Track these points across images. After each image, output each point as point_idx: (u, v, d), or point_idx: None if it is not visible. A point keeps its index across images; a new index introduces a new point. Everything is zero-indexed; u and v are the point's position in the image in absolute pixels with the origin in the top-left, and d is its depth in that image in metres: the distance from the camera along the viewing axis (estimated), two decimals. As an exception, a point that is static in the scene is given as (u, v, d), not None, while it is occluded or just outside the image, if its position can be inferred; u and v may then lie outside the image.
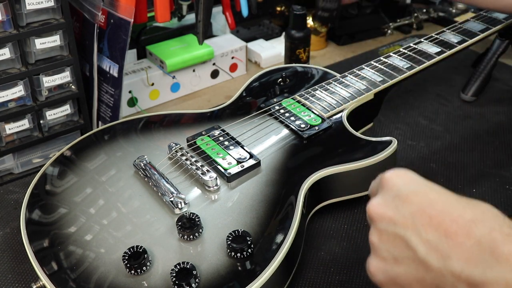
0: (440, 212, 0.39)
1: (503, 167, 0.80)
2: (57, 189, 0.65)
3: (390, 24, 1.22)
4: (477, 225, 0.38)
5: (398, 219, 0.41)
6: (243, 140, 0.70)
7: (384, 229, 0.42)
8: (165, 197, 0.61)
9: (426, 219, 0.40)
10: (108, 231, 0.58)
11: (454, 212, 0.39)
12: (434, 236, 0.39)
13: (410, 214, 0.41)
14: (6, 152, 0.76)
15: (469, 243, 0.37)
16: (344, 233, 0.68)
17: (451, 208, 0.39)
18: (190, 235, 0.56)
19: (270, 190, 0.63)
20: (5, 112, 0.73)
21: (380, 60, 0.83)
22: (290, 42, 1.00)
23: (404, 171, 0.45)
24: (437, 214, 0.39)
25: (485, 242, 0.37)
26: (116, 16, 0.78)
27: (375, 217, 0.44)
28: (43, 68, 0.74)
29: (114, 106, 0.83)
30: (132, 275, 0.53)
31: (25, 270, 0.64)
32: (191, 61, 0.98)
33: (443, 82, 1.03)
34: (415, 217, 0.40)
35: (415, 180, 0.44)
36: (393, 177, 0.44)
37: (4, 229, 0.70)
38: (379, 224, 0.43)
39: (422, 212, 0.40)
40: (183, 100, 1.01)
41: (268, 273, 0.52)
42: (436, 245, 0.39)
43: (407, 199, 0.42)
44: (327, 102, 0.76)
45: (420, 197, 0.41)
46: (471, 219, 0.38)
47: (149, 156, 0.67)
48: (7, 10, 0.68)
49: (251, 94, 0.82)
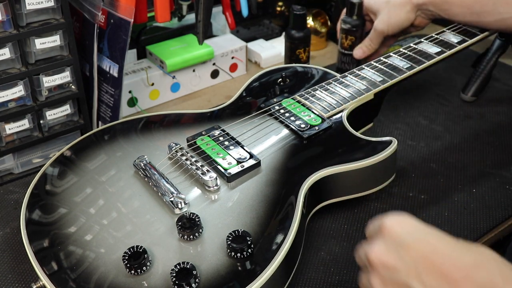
0: (442, 259, 0.41)
1: (503, 167, 0.80)
2: (57, 189, 0.65)
3: (390, 24, 1.22)
4: (477, 270, 0.39)
5: (401, 267, 0.43)
6: (243, 140, 0.70)
7: (388, 277, 0.44)
8: (165, 197, 0.61)
9: (428, 266, 0.41)
10: (108, 231, 0.58)
11: (456, 258, 0.40)
12: (436, 282, 0.40)
13: (412, 262, 0.42)
14: (6, 152, 0.76)
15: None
16: (344, 233, 0.68)
17: (452, 253, 0.41)
18: (190, 235, 0.56)
19: (270, 190, 0.63)
20: (5, 112, 0.73)
21: (380, 60, 0.83)
22: (290, 42, 1.00)
23: (404, 218, 0.46)
24: (439, 261, 0.41)
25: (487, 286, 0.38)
26: (116, 16, 0.78)
27: (377, 265, 0.45)
28: (43, 68, 0.74)
29: (114, 106, 0.83)
30: (132, 275, 0.53)
31: (25, 270, 0.64)
32: (191, 61, 0.98)
33: (443, 82, 1.03)
34: (417, 264, 0.42)
35: (416, 227, 0.45)
36: (395, 225, 0.45)
37: (4, 229, 0.70)
38: (382, 272, 0.44)
39: (425, 258, 0.41)
40: (183, 100, 1.01)
41: (268, 273, 0.52)
42: None
43: (410, 247, 0.43)
44: (327, 102, 0.76)
45: (422, 245, 0.43)
46: (472, 264, 0.39)
47: (149, 156, 0.67)
48: (7, 10, 0.68)
49: (251, 94, 0.82)
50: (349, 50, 1.00)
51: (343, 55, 1.02)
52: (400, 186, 0.76)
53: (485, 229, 0.69)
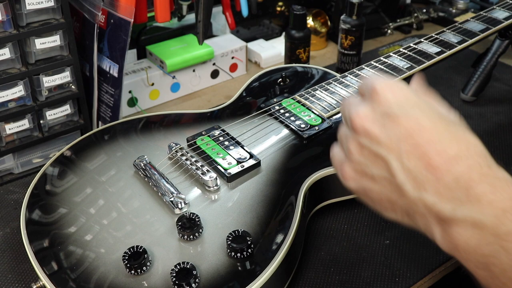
0: (426, 143, 0.39)
1: (503, 167, 0.80)
2: (57, 189, 0.65)
3: (390, 24, 1.23)
4: (458, 162, 0.38)
5: (384, 140, 0.41)
6: (243, 140, 0.70)
7: (367, 146, 0.42)
8: (165, 197, 0.61)
9: (411, 147, 0.39)
10: (108, 231, 0.58)
11: (440, 145, 0.38)
12: (415, 165, 0.39)
13: (396, 137, 0.40)
14: (6, 152, 0.76)
15: (447, 179, 0.37)
16: (344, 233, 0.68)
17: (438, 139, 0.39)
18: (190, 235, 0.56)
19: (270, 190, 0.63)
20: (5, 112, 0.73)
21: (380, 60, 0.83)
22: (290, 42, 1.00)
23: (398, 85, 0.43)
24: (423, 144, 0.39)
25: (462, 180, 0.37)
26: (116, 16, 0.78)
27: (360, 130, 0.42)
28: (43, 68, 0.74)
29: (114, 106, 0.83)
30: (132, 275, 0.53)
31: (25, 270, 0.64)
32: (191, 61, 0.98)
33: (443, 82, 1.03)
34: (400, 142, 0.40)
35: (409, 98, 0.42)
36: (386, 91, 0.42)
37: (4, 229, 0.70)
38: (362, 139, 0.42)
39: (409, 138, 0.39)
40: (183, 100, 1.01)
41: (268, 273, 0.52)
42: (415, 175, 0.39)
43: (397, 120, 0.40)
44: (327, 102, 0.76)
45: (409, 122, 0.40)
46: (454, 155, 0.38)
47: (149, 156, 0.67)
48: (7, 10, 0.68)
49: (251, 94, 0.82)
50: (349, 50, 1.00)
51: (343, 55, 1.02)
52: (400, 186, 0.76)
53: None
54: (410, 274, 0.62)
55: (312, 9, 1.17)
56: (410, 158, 0.39)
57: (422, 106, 0.42)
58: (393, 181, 0.40)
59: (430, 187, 0.38)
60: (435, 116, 0.41)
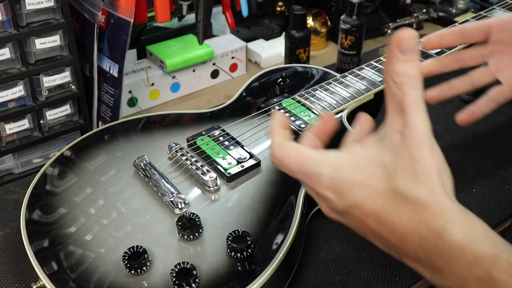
0: (377, 226, 0.40)
1: (503, 167, 0.80)
2: (57, 189, 0.65)
3: (390, 24, 1.22)
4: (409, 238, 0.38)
5: (351, 225, 0.43)
6: (243, 140, 0.70)
7: None
8: (165, 197, 0.61)
9: (371, 232, 0.41)
10: (108, 231, 0.58)
11: (387, 224, 0.39)
12: (384, 244, 0.41)
13: (358, 226, 0.42)
14: (6, 152, 0.76)
15: (412, 252, 0.39)
16: (344, 233, 0.68)
17: (382, 218, 0.39)
18: (190, 235, 0.56)
19: (270, 190, 0.63)
20: (5, 112, 0.73)
21: (380, 60, 0.83)
22: (290, 42, 1.00)
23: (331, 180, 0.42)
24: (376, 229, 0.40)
25: (422, 254, 0.38)
26: (116, 16, 0.78)
27: (327, 214, 0.45)
28: (43, 68, 0.74)
29: (114, 106, 0.83)
30: (132, 275, 0.53)
31: (25, 270, 0.64)
32: (191, 61, 0.98)
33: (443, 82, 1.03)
34: (362, 229, 0.42)
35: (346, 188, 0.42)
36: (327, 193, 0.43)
37: (4, 229, 0.70)
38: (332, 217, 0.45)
39: (364, 226, 0.41)
40: (183, 100, 1.01)
41: (268, 273, 0.52)
42: (390, 249, 0.41)
43: (345, 216, 0.43)
44: (327, 102, 0.76)
45: (354, 214, 0.41)
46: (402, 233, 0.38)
47: (149, 156, 0.67)
48: (7, 10, 0.68)
49: (251, 94, 0.82)
50: (349, 50, 1.00)
51: (343, 55, 1.02)
52: (400, 186, 0.76)
53: (485, 229, 0.69)
54: (410, 274, 0.62)
55: (312, 9, 1.17)
56: (378, 240, 0.41)
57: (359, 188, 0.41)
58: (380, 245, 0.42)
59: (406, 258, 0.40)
60: (364, 190, 0.40)
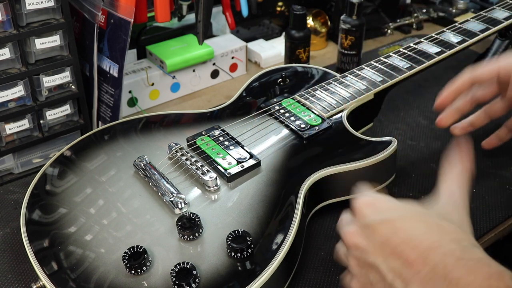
0: (402, 242, 0.43)
1: (503, 167, 0.80)
2: (57, 189, 0.65)
3: (390, 24, 1.23)
4: (432, 253, 0.41)
5: (370, 248, 0.45)
6: (243, 140, 0.70)
7: (360, 257, 0.46)
8: (165, 197, 0.61)
9: (390, 249, 0.44)
10: (108, 231, 0.58)
11: (413, 241, 0.43)
12: (397, 264, 0.43)
13: (378, 244, 0.45)
14: (6, 152, 0.76)
15: (425, 270, 0.41)
16: (344, 233, 0.68)
17: (411, 236, 0.43)
18: (190, 235, 0.56)
19: (270, 190, 0.63)
20: (5, 112, 0.73)
21: (380, 60, 0.83)
22: (290, 42, 1.00)
23: (372, 198, 0.48)
24: (399, 243, 0.43)
25: (438, 268, 0.40)
26: (116, 16, 0.78)
27: (351, 245, 0.47)
28: (43, 68, 0.74)
29: (114, 106, 0.83)
30: (132, 275, 0.53)
31: (25, 270, 0.64)
32: (191, 61, 0.98)
33: (443, 82, 1.02)
34: (382, 246, 0.45)
35: (382, 207, 0.47)
36: (362, 207, 0.48)
37: (4, 229, 0.70)
38: (355, 252, 0.47)
39: (387, 241, 0.44)
40: (183, 100, 1.01)
41: (268, 273, 0.52)
42: (399, 272, 0.42)
43: (375, 229, 0.45)
44: (327, 102, 0.76)
45: (385, 227, 0.45)
46: (428, 247, 0.42)
47: (149, 156, 0.67)
48: (7, 10, 0.68)
49: (251, 94, 0.82)
50: (349, 50, 1.00)
51: (343, 55, 1.02)
52: (400, 186, 0.76)
53: (485, 229, 0.69)
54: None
55: (312, 9, 1.17)
56: (392, 259, 0.43)
57: (397, 208, 0.47)
58: (386, 283, 0.44)
59: (413, 281, 0.41)
60: (408, 214, 0.46)
